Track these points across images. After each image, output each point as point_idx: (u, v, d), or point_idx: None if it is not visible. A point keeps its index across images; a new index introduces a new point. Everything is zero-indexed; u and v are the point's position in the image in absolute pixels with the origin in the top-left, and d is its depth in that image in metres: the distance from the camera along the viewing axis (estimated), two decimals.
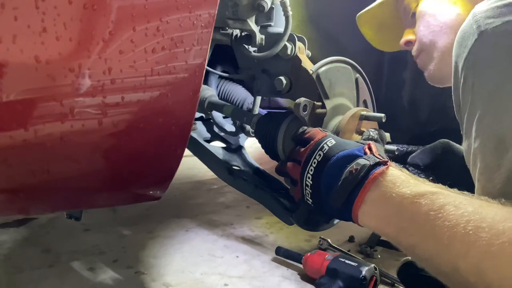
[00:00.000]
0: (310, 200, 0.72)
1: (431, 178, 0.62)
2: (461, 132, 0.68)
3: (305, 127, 0.80)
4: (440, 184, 0.59)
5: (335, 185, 0.65)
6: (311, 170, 0.70)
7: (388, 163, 0.63)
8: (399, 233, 0.59)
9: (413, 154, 0.91)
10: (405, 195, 0.58)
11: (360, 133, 0.87)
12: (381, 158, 0.64)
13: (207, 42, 0.65)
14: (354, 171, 0.63)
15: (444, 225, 0.52)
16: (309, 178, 0.70)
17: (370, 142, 0.69)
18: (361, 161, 0.63)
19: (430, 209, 0.54)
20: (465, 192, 0.56)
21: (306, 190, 0.72)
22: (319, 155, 0.69)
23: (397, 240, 0.60)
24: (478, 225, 0.50)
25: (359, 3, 1.35)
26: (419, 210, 0.56)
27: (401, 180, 0.60)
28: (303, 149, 0.74)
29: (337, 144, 0.69)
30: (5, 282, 1.31)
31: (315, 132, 0.76)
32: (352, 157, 0.65)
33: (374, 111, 1.02)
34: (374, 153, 0.65)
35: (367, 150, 0.66)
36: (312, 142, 0.73)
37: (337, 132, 0.84)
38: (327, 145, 0.70)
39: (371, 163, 0.62)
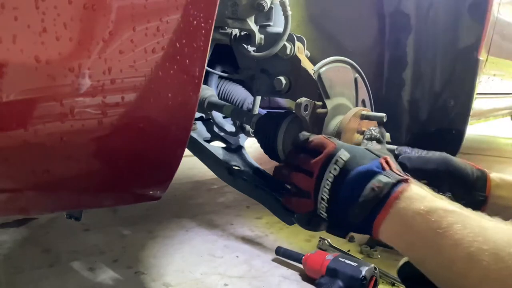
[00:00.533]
0: (325, 214, 0.71)
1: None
2: None
3: (307, 133, 0.78)
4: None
5: (355, 201, 0.64)
6: (328, 184, 0.68)
7: (408, 181, 0.63)
8: (409, 248, 0.60)
9: (407, 155, 0.90)
10: (418, 211, 0.58)
11: (361, 132, 0.87)
12: (401, 174, 0.64)
13: (207, 41, 0.65)
14: (376, 189, 0.62)
15: (449, 243, 0.53)
16: (325, 192, 0.69)
17: (386, 156, 0.69)
18: (383, 178, 0.63)
19: (438, 227, 0.55)
20: (480, 213, 0.57)
21: (321, 204, 0.71)
22: (335, 169, 0.68)
23: (407, 254, 0.61)
24: (480, 247, 0.51)
25: (359, 3, 1.35)
26: (428, 226, 0.56)
27: (418, 195, 0.60)
28: (313, 160, 0.72)
29: (352, 158, 0.68)
30: (5, 282, 1.31)
31: (322, 141, 0.74)
32: (371, 173, 0.65)
33: (372, 111, 1.02)
34: (393, 169, 0.65)
35: (385, 165, 0.66)
36: (323, 154, 0.71)
37: (338, 132, 0.84)
38: (342, 158, 0.68)
39: (393, 181, 0.62)
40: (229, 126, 1.22)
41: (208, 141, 1.24)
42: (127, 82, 0.58)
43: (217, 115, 1.18)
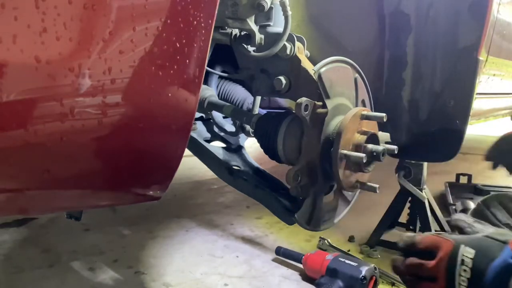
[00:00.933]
0: None
1: None
2: None
3: (409, 235, 0.71)
4: None
5: None
6: None
7: None
8: None
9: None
10: None
11: (362, 132, 0.87)
12: None
13: (207, 41, 0.65)
14: None
15: None
16: None
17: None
18: None
19: None
20: None
21: None
22: (465, 270, 0.62)
23: None
24: None
25: (359, 4, 1.35)
26: None
27: None
28: (431, 264, 0.66)
29: (480, 254, 0.62)
30: (5, 282, 1.31)
31: (433, 240, 0.68)
32: (510, 267, 0.60)
33: (372, 111, 1.02)
34: None
35: None
36: (442, 254, 0.65)
37: (339, 132, 0.84)
38: (468, 257, 0.63)
39: None
40: (229, 126, 1.22)
41: (208, 141, 1.24)
42: (127, 82, 0.58)
43: (217, 115, 1.18)
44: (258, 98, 1.13)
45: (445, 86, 1.24)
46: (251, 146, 1.34)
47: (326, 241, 1.57)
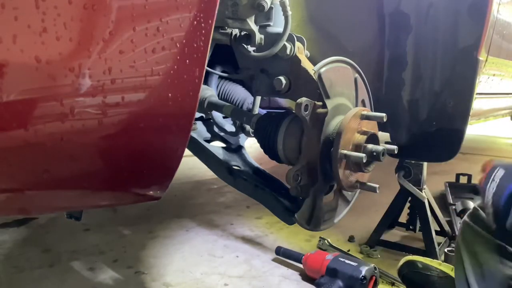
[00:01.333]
0: (494, 224, 0.81)
1: None
2: None
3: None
4: None
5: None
6: (489, 200, 0.80)
7: None
8: None
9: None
10: None
11: (362, 132, 0.87)
12: None
13: (207, 41, 0.65)
14: None
15: None
16: (490, 206, 0.80)
17: None
18: None
19: None
20: None
21: (489, 216, 0.82)
22: (492, 188, 0.79)
23: None
24: None
25: (359, 3, 1.35)
26: None
27: None
28: (478, 183, 0.85)
29: (505, 175, 0.78)
30: (5, 282, 1.31)
31: (484, 164, 0.88)
32: None
33: (372, 111, 1.02)
34: None
35: None
36: (484, 174, 0.84)
37: (339, 132, 0.84)
38: (497, 176, 0.79)
39: None
40: (229, 126, 1.22)
41: (208, 141, 1.24)
42: (127, 82, 0.58)
43: (217, 115, 1.18)
44: (258, 98, 1.13)
45: (445, 86, 1.24)
46: (251, 146, 1.34)
47: (326, 241, 1.57)
